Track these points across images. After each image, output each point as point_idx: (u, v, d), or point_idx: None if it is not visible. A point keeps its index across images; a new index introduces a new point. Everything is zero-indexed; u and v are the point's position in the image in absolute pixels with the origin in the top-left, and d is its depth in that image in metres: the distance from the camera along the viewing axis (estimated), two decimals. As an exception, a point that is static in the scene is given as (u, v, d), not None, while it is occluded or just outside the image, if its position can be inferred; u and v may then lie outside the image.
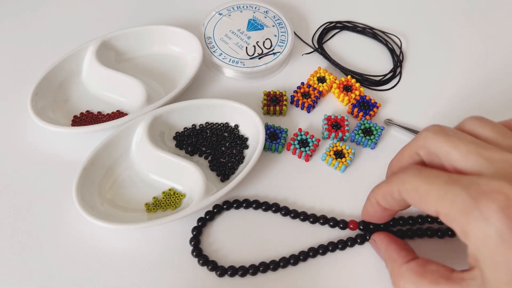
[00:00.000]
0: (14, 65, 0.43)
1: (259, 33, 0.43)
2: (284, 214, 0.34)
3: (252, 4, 0.45)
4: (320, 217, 0.33)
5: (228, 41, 0.42)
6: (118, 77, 0.39)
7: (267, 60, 0.41)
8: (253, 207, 0.34)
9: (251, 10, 0.45)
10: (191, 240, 0.32)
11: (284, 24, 0.44)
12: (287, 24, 0.44)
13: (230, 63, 0.41)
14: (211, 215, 0.34)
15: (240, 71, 0.41)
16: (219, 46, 0.42)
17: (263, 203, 0.34)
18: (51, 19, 0.46)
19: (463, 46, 0.46)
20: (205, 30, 0.43)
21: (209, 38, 0.42)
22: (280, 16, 0.44)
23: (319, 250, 0.32)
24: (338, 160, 0.36)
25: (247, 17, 0.44)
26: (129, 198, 0.35)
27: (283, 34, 0.43)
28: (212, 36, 0.42)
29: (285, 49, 0.42)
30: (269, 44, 0.42)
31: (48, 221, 0.34)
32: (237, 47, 0.42)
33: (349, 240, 0.33)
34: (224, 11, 0.44)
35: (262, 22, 0.44)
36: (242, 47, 0.42)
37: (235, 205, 0.34)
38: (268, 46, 0.42)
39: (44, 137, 0.38)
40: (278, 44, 0.42)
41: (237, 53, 0.42)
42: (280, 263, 0.31)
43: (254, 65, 0.41)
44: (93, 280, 0.31)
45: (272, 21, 0.44)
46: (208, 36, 0.42)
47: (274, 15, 0.44)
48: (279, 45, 0.42)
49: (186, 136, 0.38)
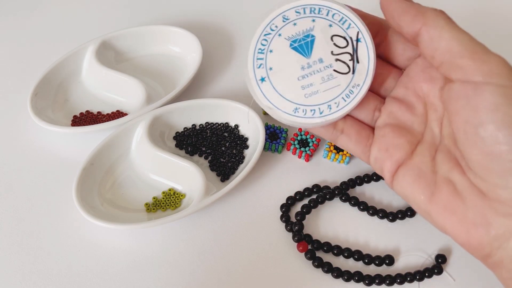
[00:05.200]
0: (14, 65, 0.43)
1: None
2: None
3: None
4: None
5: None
6: (118, 77, 0.39)
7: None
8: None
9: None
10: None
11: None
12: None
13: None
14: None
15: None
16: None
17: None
18: (51, 19, 0.46)
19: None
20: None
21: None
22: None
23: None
24: (340, 153, 0.36)
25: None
26: (129, 198, 0.35)
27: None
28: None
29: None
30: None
31: (47, 221, 0.34)
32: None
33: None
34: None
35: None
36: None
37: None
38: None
39: (44, 137, 0.38)
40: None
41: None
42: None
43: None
44: (93, 280, 0.31)
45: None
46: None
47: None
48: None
49: (186, 136, 0.38)
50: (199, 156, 0.37)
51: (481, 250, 0.25)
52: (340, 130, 0.30)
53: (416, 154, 0.28)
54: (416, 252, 0.32)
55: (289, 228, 0.33)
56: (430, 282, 0.31)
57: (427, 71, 0.28)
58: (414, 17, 0.26)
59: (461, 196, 0.25)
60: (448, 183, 0.26)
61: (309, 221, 0.34)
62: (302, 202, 0.35)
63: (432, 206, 0.26)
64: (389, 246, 0.33)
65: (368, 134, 0.30)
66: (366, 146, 0.30)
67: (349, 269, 0.31)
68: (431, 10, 0.26)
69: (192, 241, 0.33)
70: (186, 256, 0.32)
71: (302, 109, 0.28)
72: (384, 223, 0.34)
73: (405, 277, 0.31)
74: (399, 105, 0.29)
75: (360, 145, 0.30)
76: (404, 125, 0.29)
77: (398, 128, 0.29)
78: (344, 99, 0.28)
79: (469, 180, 0.25)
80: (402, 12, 0.27)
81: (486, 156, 0.23)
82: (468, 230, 0.25)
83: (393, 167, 0.28)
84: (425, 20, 0.25)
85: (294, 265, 0.32)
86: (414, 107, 0.29)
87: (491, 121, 0.23)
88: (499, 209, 0.24)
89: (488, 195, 0.24)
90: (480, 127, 0.23)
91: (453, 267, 0.31)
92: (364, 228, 0.33)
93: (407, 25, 0.26)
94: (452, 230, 0.26)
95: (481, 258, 0.25)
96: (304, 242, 0.32)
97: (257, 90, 0.29)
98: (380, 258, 0.31)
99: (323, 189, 0.35)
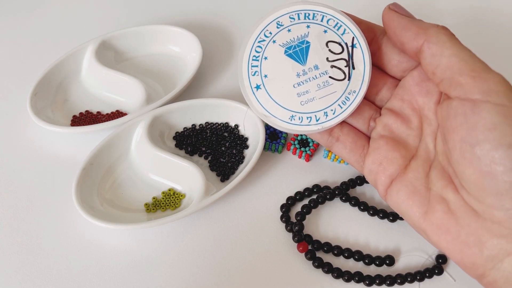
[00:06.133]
0: (14, 65, 0.43)
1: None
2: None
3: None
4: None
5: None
6: (118, 77, 0.39)
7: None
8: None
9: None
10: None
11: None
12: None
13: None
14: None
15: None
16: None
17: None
18: (50, 19, 0.46)
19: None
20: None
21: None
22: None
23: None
24: None
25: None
26: (129, 198, 0.35)
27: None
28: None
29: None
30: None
31: (47, 221, 0.34)
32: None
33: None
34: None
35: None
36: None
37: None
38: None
39: (44, 137, 0.38)
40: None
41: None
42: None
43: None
44: (92, 280, 0.31)
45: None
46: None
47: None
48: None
49: (186, 136, 0.37)
50: (199, 156, 0.37)
51: (475, 270, 0.25)
52: (336, 137, 0.30)
53: (410, 170, 0.28)
54: (417, 253, 0.32)
55: (289, 228, 0.33)
56: (431, 283, 0.31)
57: (423, 85, 0.28)
58: (417, 33, 0.26)
59: (455, 215, 0.25)
60: (442, 201, 0.26)
61: (309, 222, 0.34)
62: (302, 202, 0.35)
63: (426, 223, 0.26)
64: (389, 247, 0.33)
65: (364, 144, 0.30)
66: (361, 156, 0.30)
67: (349, 270, 0.31)
68: (433, 26, 0.26)
69: (192, 242, 0.33)
70: (186, 256, 0.32)
71: (298, 116, 0.28)
72: (385, 223, 0.34)
73: (406, 278, 0.31)
74: (395, 117, 0.29)
75: (354, 154, 0.30)
76: (399, 138, 0.29)
77: (393, 141, 0.29)
78: (340, 105, 0.28)
79: (463, 199, 0.25)
80: (404, 29, 0.26)
81: (481, 175, 0.23)
82: (461, 249, 0.25)
83: (386, 181, 0.28)
84: (427, 37, 0.25)
85: (294, 266, 0.32)
86: (410, 120, 0.29)
87: (488, 140, 0.22)
88: (493, 229, 0.24)
89: (482, 215, 0.24)
90: (476, 146, 0.23)
91: (454, 267, 0.31)
92: (364, 228, 0.33)
93: (410, 41, 0.26)
94: (446, 249, 0.25)
95: (475, 277, 0.25)
96: (304, 242, 0.32)
97: (253, 98, 0.28)
98: (381, 259, 0.31)
99: (323, 189, 0.35)
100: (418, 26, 0.26)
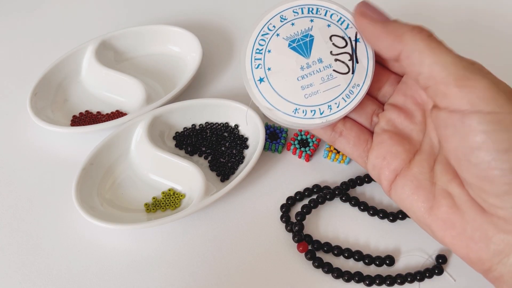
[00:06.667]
0: (13, 65, 0.43)
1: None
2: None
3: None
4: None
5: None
6: (118, 77, 0.39)
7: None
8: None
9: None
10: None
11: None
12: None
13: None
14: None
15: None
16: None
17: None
18: (51, 19, 0.46)
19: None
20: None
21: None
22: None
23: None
24: (341, 153, 0.36)
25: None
26: (129, 198, 0.35)
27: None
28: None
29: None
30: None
31: (47, 221, 0.34)
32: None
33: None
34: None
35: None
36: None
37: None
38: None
39: (43, 137, 0.38)
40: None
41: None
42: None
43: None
44: (92, 280, 0.31)
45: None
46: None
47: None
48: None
49: (186, 136, 0.37)
50: (199, 156, 0.37)
51: (481, 264, 0.25)
52: (339, 132, 0.30)
53: (414, 164, 0.27)
54: (417, 253, 0.32)
55: (289, 228, 0.33)
56: (431, 283, 0.31)
57: None
58: (392, 42, 0.25)
59: (460, 210, 0.25)
60: (447, 195, 0.26)
61: (309, 222, 0.34)
62: (302, 202, 0.35)
63: (432, 218, 0.26)
64: (389, 247, 0.33)
65: (367, 139, 0.30)
66: (364, 151, 0.30)
67: (349, 270, 0.31)
68: (408, 32, 0.24)
69: (192, 241, 0.33)
70: (185, 256, 0.32)
71: (302, 109, 0.28)
72: (385, 223, 0.34)
73: (406, 278, 0.31)
74: (398, 112, 0.29)
75: (358, 149, 0.30)
76: (402, 133, 0.29)
77: (397, 135, 0.29)
78: (344, 99, 0.28)
79: (468, 194, 0.25)
80: (378, 37, 0.26)
81: (479, 180, 0.23)
82: (467, 244, 0.25)
83: (391, 175, 0.28)
84: (403, 45, 0.24)
85: (294, 266, 0.32)
86: (414, 115, 0.29)
87: (481, 148, 0.22)
88: (499, 225, 0.24)
89: (487, 210, 0.24)
90: (471, 154, 0.23)
91: (454, 267, 0.31)
92: (364, 228, 0.33)
93: (386, 51, 0.26)
94: (451, 244, 0.25)
95: (481, 272, 0.25)
96: (304, 242, 0.32)
97: (256, 91, 0.28)
98: (381, 259, 0.31)
99: (323, 189, 0.35)
100: (393, 33, 0.25)
